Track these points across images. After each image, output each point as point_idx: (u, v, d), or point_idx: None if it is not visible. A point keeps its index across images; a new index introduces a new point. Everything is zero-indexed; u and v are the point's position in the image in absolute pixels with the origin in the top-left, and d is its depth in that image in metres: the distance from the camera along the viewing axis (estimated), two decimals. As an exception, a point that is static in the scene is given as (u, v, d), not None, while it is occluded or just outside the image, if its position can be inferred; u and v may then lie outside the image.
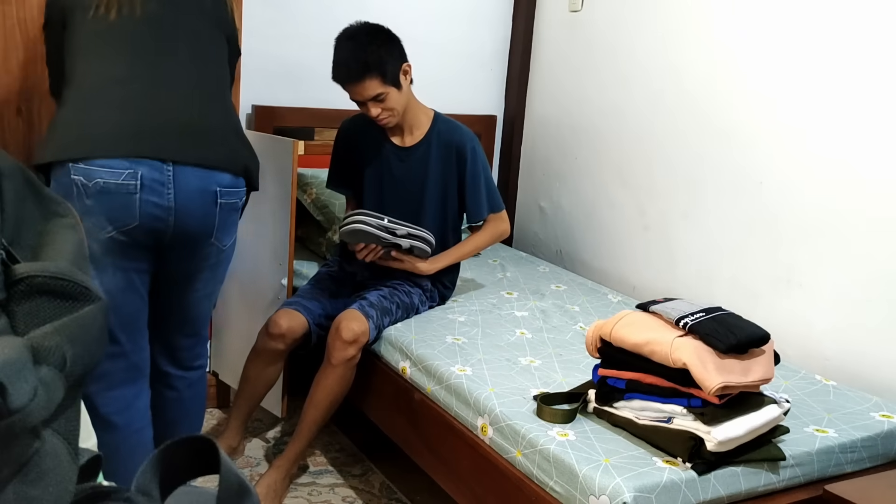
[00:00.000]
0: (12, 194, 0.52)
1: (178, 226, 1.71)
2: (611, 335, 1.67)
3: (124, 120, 1.65)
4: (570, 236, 3.31)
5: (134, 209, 1.64)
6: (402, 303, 2.35)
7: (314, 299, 2.37)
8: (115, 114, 1.65)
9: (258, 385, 2.34)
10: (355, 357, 2.19)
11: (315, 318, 2.32)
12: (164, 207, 1.68)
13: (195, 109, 1.73)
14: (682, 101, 2.74)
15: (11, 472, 0.44)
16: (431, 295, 2.47)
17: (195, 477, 0.55)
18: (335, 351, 2.16)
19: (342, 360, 2.16)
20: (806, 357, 2.32)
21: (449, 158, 2.44)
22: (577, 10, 3.21)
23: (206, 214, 1.75)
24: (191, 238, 1.76)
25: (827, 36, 2.26)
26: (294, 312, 2.29)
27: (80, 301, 0.49)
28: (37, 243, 0.53)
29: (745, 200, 2.52)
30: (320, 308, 2.35)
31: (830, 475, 1.72)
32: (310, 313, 2.31)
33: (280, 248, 2.44)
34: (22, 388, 0.42)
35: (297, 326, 2.28)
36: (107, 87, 1.67)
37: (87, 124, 1.65)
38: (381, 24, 2.41)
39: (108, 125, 1.64)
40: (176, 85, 1.72)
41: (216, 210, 1.76)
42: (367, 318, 2.20)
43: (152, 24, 1.71)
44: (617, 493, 1.45)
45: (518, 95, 3.51)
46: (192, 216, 1.72)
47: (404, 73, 2.36)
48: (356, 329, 2.16)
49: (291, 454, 2.23)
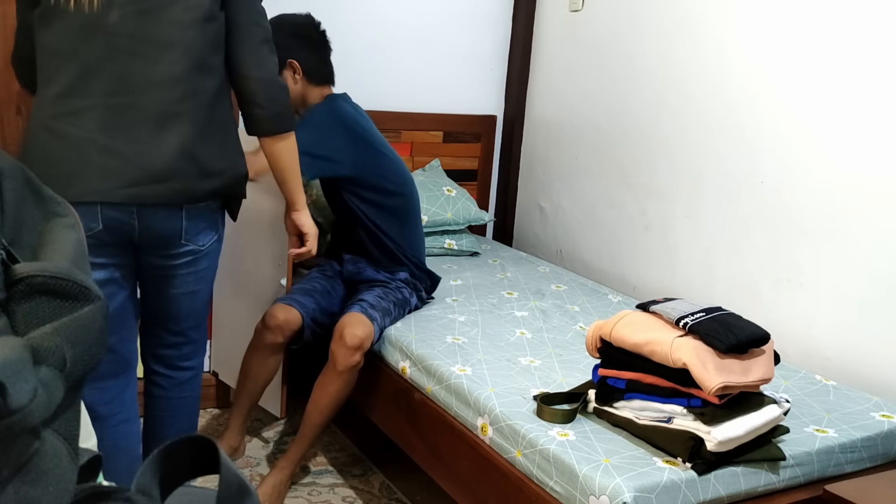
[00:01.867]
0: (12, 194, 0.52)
1: (142, 228, 1.68)
2: (611, 335, 1.67)
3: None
4: (570, 236, 3.31)
5: (97, 217, 1.63)
6: (397, 300, 2.36)
7: (307, 295, 2.38)
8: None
9: (258, 380, 2.35)
10: (360, 363, 2.19)
11: (309, 312, 2.33)
12: (126, 219, 1.66)
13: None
14: (682, 101, 2.74)
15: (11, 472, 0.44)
16: (415, 285, 2.46)
17: (195, 477, 0.55)
18: (340, 358, 2.16)
19: (347, 366, 2.16)
20: (806, 357, 2.32)
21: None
22: (577, 10, 3.21)
23: (169, 218, 1.70)
24: (158, 238, 1.72)
25: (829, 35, 2.26)
26: (289, 307, 2.31)
27: (80, 301, 0.49)
28: (37, 243, 0.53)
29: (745, 200, 2.52)
30: (314, 303, 2.37)
31: (830, 475, 1.72)
32: (303, 308, 2.32)
33: (278, 248, 2.44)
34: (22, 388, 0.43)
35: (293, 319, 2.30)
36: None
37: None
38: (316, 21, 2.45)
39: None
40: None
41: (182, 215, 1.72)
42: (371, 321, 2.20)
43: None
44: (617, 493, 1.45)
45: (518, 95, 3.51)
46: (155, 219, 1.69)
47: (291, 68, 2.38)
48: (360, 334, 2.16)
49: (294, 456, 2.23)
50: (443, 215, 3.09)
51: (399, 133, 3.28)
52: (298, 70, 2.39)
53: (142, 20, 1.60)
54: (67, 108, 1.59)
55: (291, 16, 2.43)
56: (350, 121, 2.35)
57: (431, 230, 3.11)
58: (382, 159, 2.40)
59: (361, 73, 3.20)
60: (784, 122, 2.39)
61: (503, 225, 3.64)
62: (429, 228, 3.08)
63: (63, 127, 1.59)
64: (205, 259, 1.82)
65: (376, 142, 2.41)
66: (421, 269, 2.51)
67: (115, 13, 1.58)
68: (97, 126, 1.59)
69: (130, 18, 1.59)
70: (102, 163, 1.59)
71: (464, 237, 3.18)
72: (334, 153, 2.31)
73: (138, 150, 1.61)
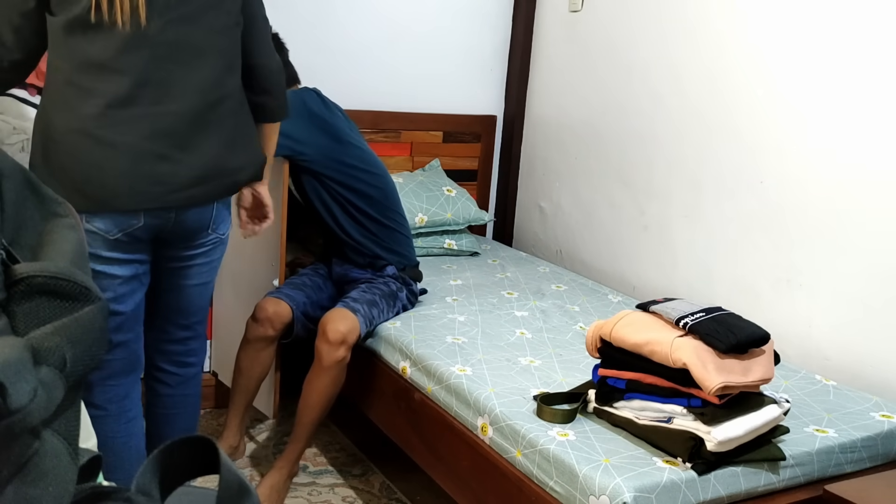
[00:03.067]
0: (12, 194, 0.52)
1: (177, 223, 1.76)
2: (611, 335, 1.67)
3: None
4: (570, 236, 3.31)
5: (139, 216, 1.70)
6: (383, 292, 2.36)
7: (297, 289, 2.40)
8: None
9: (251, 375, 2.36)
10: (346, 357, 2.18)
11: (299, 305, 2.34)
12: (165, 218, 1.74)
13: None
14: (682, 101, 2.74)
15: (11, 472, 0.44)
16: (403, 279, 2.45)
17: (195, 477, 0.55)
18: (324, 353, 2.16)
19: (332, 362, 2.16)
20: (806, 357, 2.32)
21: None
22: (577, 10, 3.21)
23: (203, 212, 1.79)
24: (189, 231, 1.80)
25: (828, 34, 2.26)
26: (278, 300, 2.33)
27: (80, 301, 0.49)
28: (37, 243, 0.53)
29: (745, 200, 2.52)
30: (304, 297, 2.38)
31: (830, 475, 1.72)
32: (293, 301, 2.34)
33: (272, 248, 2.45)
34: (22, 388, 0.43)
35: (283, 312, 2.31)
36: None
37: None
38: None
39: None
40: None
41: (213, 207, 1.81)
42: (354, 313, 2.20)
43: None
44: (617, 493, 1.45)
45: (518, 95, 3.51)
46: (191, 215, 1.77)
47: None
48: (342, 329, 2.16)
49: (291, 455, 2.24)
50: (443, 215, 3.09)
51: (399, 133, 3.28)
52: None
53: (181, 28, 1.65)
54: (117, 118, 1.62)
55: None
56: (315, 108, 2.38)
57: (431, 230, 3.11)
58: (350, 149, 2.41)
59: (361, 73, 3.20)
60: (783, 122, 2.39)
61: (503, 225, 3.64)
62: (429, 228, 3.08)
63: (111, 136, 1.62)
64: (221, 247, 1.91)
65: (342, 131, 2.42)
66: (406, 261, 2.50)
67: (156, 23, 1.61)
68: (145, 134, 1.64)
69: (171, 27, 1.63)
70: (150, 170, 1.65)
71: (464, 237, 3.18)
72: (298, 133, 2.32)
73: (182, 155, 1.68)
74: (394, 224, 2.47)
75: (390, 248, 2.46)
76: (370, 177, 2.42)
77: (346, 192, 2.39)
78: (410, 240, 2.55)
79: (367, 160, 2.44)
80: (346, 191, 2.39)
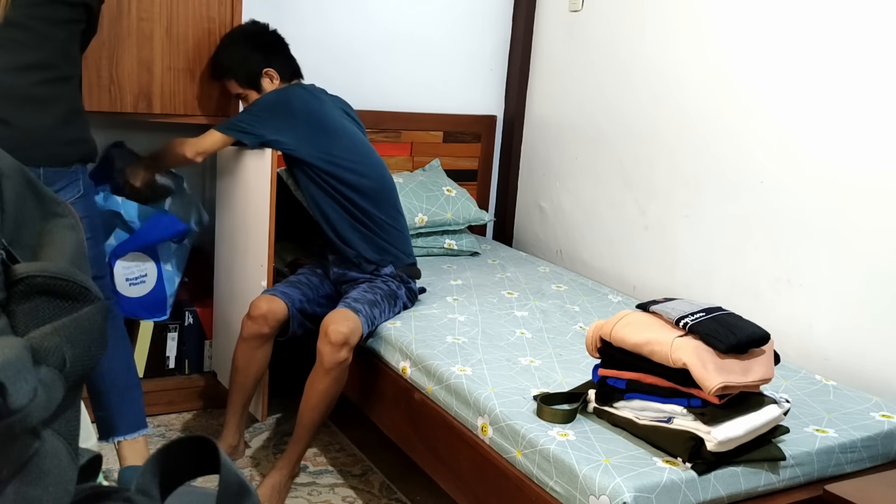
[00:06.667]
0: (12, 194, 0.52)
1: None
2: (611, 335, 1.67)
3: None
4: (570, 236, 3.31)
5: None
6: (384, 291, 2.35)
7: (293, 287, 2.40)
8: None
9: (247, 373, 2.36)
10: (347, 359, 2.18)
11: (294, 303, 2.34)
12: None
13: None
14: (682, 101, 2.74)
15: (11, 472, 0.44)
16: (401, 277, 2.45)
17: (195, 477, 0.55)
18: (326, 355, 2.15)
19: (334, 363, 2.16)
20: (806, 357, 2.32)
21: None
22: (577, 10, 3.21)
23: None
24: None
25: (827, 36, 2.26)
26: (272, 297, 2.33)
27: (80, 301, 0.49)
28: (37, 243, 0.53)
29: (745, 200, 2.52)
30: (300, 294, 2.38)
31: (830, 475, 1.72)
32: (288, 298, 2.34)
33: (260, 249, 2.45)
34: (22, 388, 0.42)
35: (278, 309, 2.31)
36: None
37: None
38: (265, 24, 2.54)
39: None
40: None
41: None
42: (355, 314, 2.20)
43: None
44: (617, 493, 1.45)
45: (518, 95, 3.51)
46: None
47: (268, 77, 2.47)
48: (344, 330, 2.15)
49: (292, 456, 2.23)
50: (443, 215, 3.09)
51: (399, 133, 3.28)
52: (275, 76, 2.49)
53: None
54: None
55: (242, 29, 2.50)
56: (297, 101, 2.39)
57: (431, 230, 3.11)
58: (340, 139, 2.40)
59: (362, 73, 3.20)
60: (784, 122, 2.39)
61: (503, 225, 3.64)
62: (429, 228, 3.08)
63: None
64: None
65: (333, 121, 2.41)
66: (402, 259, 2.49)
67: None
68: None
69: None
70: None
71: (464, 237, 3.18)
72: (278, 119, 2.34)
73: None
74: (389, 219, 2.46)
75: (384, 249, 2.45)
76: (362, 167, 2.41)
77: (336, 184, 2.39)
78: (408, 237, 2.54)
79: (359, 151, 2.43)
80: (336, 182, 2.39)
